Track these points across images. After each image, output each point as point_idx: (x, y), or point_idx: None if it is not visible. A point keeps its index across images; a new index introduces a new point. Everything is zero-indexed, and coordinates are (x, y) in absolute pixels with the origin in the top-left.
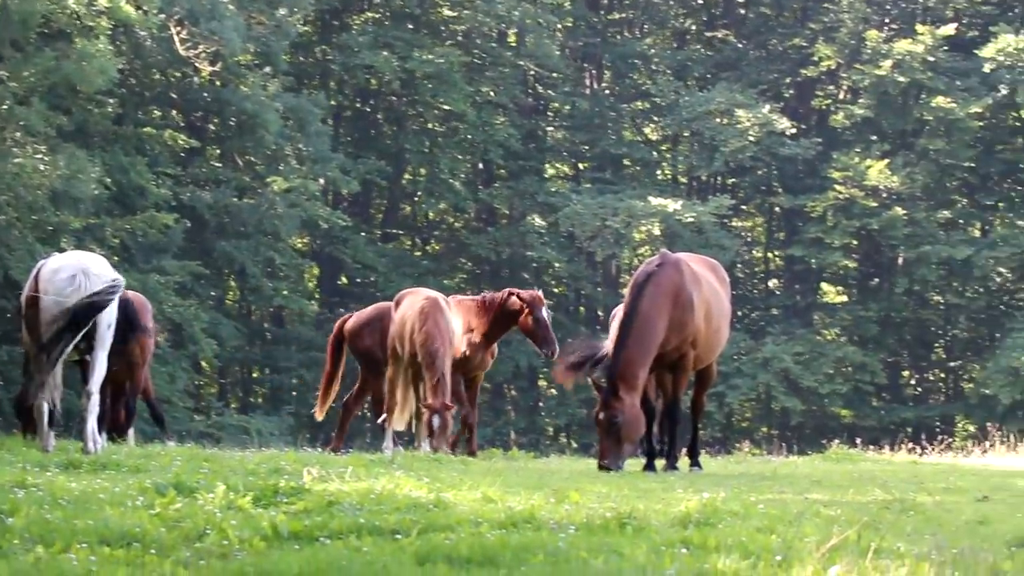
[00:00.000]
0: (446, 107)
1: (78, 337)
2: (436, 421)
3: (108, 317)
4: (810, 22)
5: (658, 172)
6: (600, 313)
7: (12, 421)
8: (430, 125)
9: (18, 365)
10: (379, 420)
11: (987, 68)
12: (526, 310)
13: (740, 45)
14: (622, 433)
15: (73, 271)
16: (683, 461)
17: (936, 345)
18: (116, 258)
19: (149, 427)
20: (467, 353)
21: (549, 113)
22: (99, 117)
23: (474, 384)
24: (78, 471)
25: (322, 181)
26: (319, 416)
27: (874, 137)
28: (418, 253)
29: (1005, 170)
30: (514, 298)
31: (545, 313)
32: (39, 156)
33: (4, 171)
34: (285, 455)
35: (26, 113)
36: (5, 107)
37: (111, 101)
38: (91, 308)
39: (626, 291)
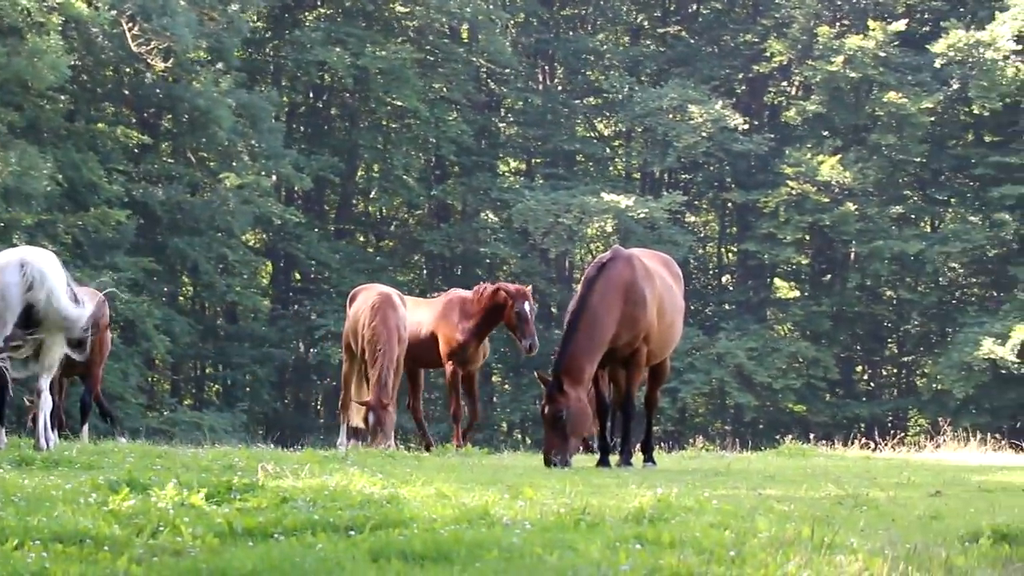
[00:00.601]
0: (399, 103)
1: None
2: (371, 418)
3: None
4: (762, 18)
5: (611, 168)
6: (553, 309)
7: None
8: (383, 121)
9: None
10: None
11: (938, 63)
12: (510, 303)
13: (692, 41)
14: (568, 428)
15: (18, 264)
16: (637, 457)
17: (889, 340)
18: (68, 255)
19: (102, 423)
20: (460, 341)
21: (502, 109)
22: (51, 113)
23: (469, 378)
24: (31, 468)
25: (275, 177)
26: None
27: (826, 133)
28: (371, 249)
29: (956, 165)
30: (501, 292)
31: (527, 307)
32: None
33: None
34: (238, 452)
35: None
36: None
37: (63, 97)
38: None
39: (578, 287)
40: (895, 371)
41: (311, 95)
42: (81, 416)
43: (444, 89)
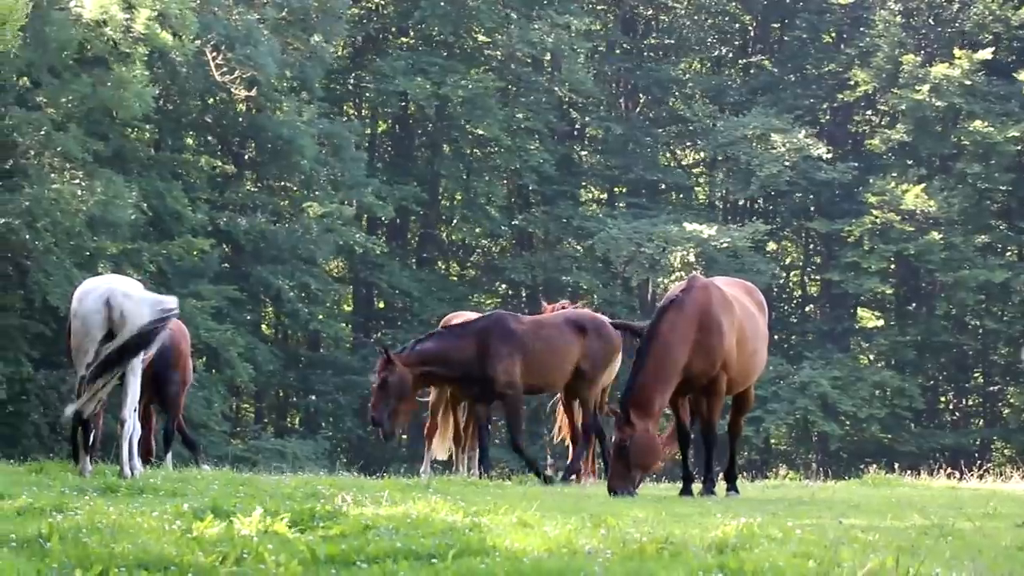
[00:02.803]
0: (480, 132)
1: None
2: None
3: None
4: (846, 47)
5: (693, 197)
6: (635, 340)
7: (49, 445)
8: (465, 150)
9: (56, 389)
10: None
11: None
12: None
13: (776, 70)
14: (631, 458)
15: (103, 292)
16: (720, 486)
17: (974, 370)
18: (153, 283)
19: (186, 451)
20: None
21: (584, 138)
22: (136, 143)
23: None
24: (115, 495)
25: (355, 204)
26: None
27: (911, 161)
28: (454, 278)
29: None
30: None
31: None
32: (76, 182)
33: (42, 196)
34: (321, 479)
35: (63, 139)
36: (43, 133)
37: (148, 127)
38: (144, 338)
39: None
40: (981, 400)
41: (394, 124)
42: (164, 444)
43: (526, 118)
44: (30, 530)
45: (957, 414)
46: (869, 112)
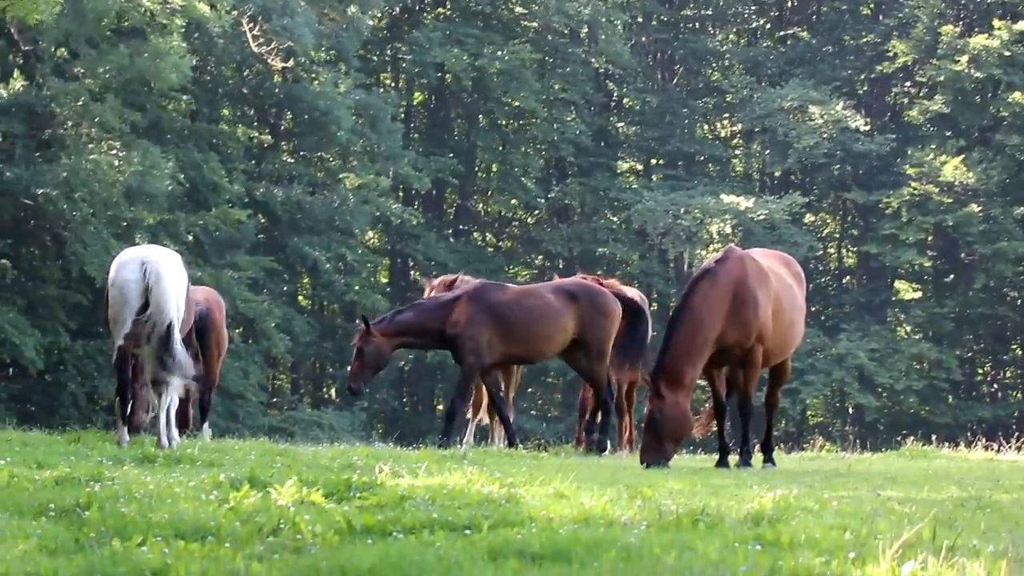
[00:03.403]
0: (517, 104)
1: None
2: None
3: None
4: (884, 18)
5: (730, 169)
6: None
7: (87, 415)
8: (501, 122)
9: (93, 359)
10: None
11: None
12: None
13: (813, 41)
14: (661, 430)
15: (139, 261)
16: (756, 457)
17: (1013, 342)
18: (190, 254)
19: (223, 421)
20: None
21: (620, 110)
22: (173, 113)
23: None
24: (153, 465)
25: (391, 175)
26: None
27: (949, 133)
28: (490, 249)
29: None
30: None
31: None
32: (114, 152)
33: (79, 167)
34: (358, 450)
35: (101, 110)
36: (80, 104)
37: (185, 98)
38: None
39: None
40: (1019, 372)
41: (430, 96)
42: (201, 414)
43: (562, 89)
44: (68, 499)
45: (995, 386)
46: (907, 83)
